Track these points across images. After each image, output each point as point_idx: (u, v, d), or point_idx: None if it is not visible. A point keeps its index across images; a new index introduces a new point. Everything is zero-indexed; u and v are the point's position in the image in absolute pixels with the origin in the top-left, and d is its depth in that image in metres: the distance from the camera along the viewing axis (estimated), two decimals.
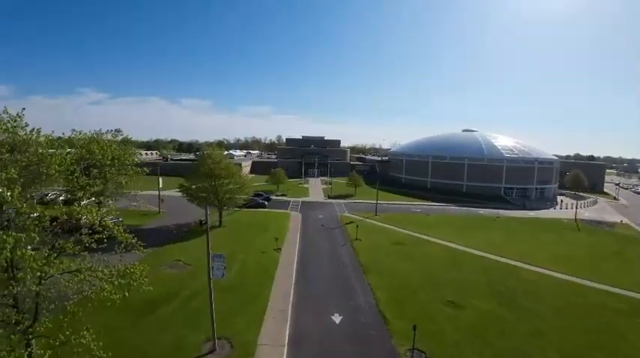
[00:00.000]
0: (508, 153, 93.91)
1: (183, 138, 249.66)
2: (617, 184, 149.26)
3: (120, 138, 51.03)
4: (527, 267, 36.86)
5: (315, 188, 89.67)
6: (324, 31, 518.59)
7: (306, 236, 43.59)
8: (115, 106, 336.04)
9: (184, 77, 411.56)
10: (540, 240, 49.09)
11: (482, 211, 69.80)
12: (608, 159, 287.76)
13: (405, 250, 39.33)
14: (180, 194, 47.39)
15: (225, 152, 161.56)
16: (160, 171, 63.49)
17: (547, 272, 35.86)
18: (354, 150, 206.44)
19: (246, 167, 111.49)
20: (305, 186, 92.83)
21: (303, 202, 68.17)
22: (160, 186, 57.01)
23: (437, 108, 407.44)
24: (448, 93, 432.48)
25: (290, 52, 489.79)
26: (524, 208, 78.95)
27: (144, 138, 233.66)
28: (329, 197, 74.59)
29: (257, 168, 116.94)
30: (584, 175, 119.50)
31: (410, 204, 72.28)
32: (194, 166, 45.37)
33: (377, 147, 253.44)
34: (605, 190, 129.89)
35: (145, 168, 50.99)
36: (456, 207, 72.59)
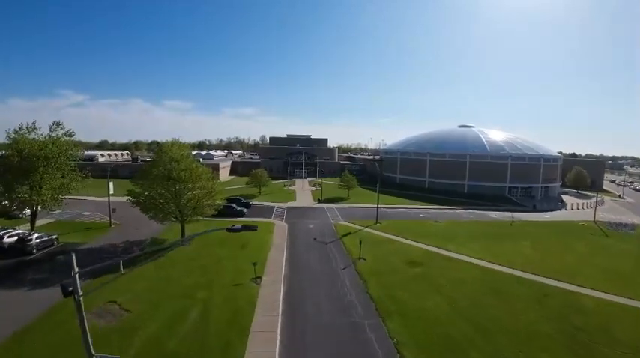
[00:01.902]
0: (513, 150, 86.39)
1: (167, 140, 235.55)
2: (614, 181, 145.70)
3: (61, 132, 40.58)
4: (582, 290, 28.76)
5: (303, 191, 79.66)
6: (308, 31, 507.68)
7: (295, 255, 33.61)
8: (96, 108, 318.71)
9: (167, 78, 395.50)
10: (575, 250, 41.05)
11: (493, 215, 61.65)
12: (589, 156, 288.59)
13: (427, 274, 29.89)
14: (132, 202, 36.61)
15: (204, 152, 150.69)
16: (127, 173, 52.44)
17: (608, 296, 27.98)
18: (339, 150, 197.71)
19: (225, 168, 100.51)
20: (291, 188, 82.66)
21: (289, 208, 58.06)
22: (112, 191, 45.93)
23: (425, 108, 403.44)
24: (433, 93, 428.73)
25: (274, 53, 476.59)
26: (535, 210, 71.35)
27: (123, 139, 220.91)
28: (319, 201, 64.71)
29: (237, 169, 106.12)
30: (585, 173, 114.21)
31: (412, 208, 63.22)
32: (146, 167, 34.72)
33: (363, 146, 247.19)
34: (603, 188, 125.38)
35: (82, 173, 40.55)
36: (463, 211, 64.02)
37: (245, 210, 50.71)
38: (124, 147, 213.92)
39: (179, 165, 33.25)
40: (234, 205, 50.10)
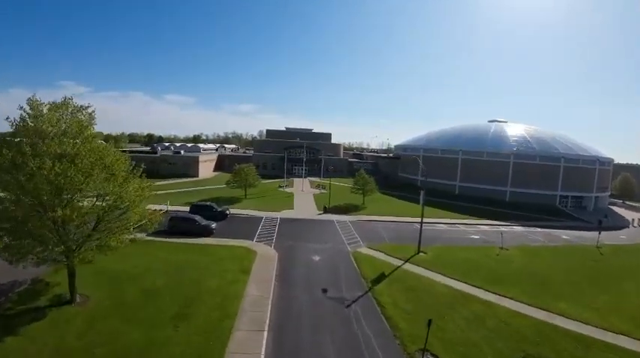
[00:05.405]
0: (565, 149, 69.36)
1: (164, 133, 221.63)
2: None
3: None
4: None
5: (303, 194, 62.21)
6: (307, 28, 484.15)
7: (287, 345, 16.13)
8: (96, 100, 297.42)
9: (167, 72, 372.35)
10: None
11: (564, 236, 44.76)
12: None
13: None
14: None
15: (190, 144, 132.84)
16: None
17: None
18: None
19: (208, 162, 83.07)
20: (288, 190, 65.20)
21: (283, 221, 40.38)
22: None
23: (425, 109, 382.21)
24: (434, 93, 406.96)
25: (273, 49, 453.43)
26: (601, 227, 54.23)
27: (117, 132, 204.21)
28: (325, 210, 47.27)
29: (225, 164, 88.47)
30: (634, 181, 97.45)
31: (455, 224, 45.76)
32: None
33: (365, 146, 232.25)
34: None
35: None
36: (523, 228, 47.00)
37: (214, 224, 32.88)
38: (115, 139, 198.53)
39: (49, 147, 15.83)
40: (196, 218, 32.44)
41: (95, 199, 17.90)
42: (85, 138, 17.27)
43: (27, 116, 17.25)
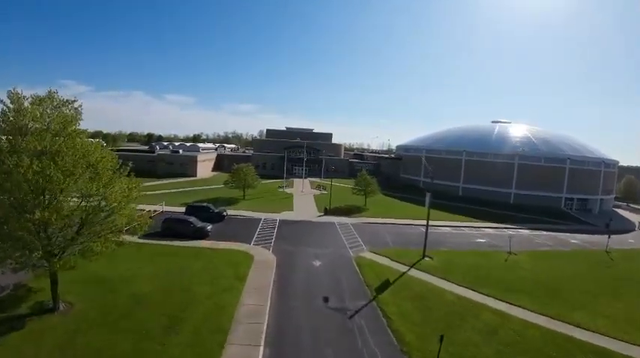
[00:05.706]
0: (571, 151, 68.05)
1: (164, 133, 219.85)
2: None
3: None
4: None
5: (303, 195, 60.91)
6: (307, 28, 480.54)
7: None
8: (97, 99, 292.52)
9: (167, 71, 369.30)
10: None
11: (573, 240, 43.49)
12: None
13: None
14: None
15: (188, 144, 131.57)
16: None
17: None
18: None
19: (206, 162, 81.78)
20: (288, 190, 63.88)
21: (282, 223, 39.04)
22: None
23: (426, 109, 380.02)
24: (434, 93, 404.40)
25: (273, 49, 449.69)
26: (609, 230, 52.86)
27: (117, 131, 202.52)
28: (326, 211, 45.95)
29: (224, 164, 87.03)
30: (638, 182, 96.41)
31: (460, 227, 44.50)
32: None
33: (365, 146, 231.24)
34: None
35: None
36: (529, 232, 45.70)
37: (209, 226, 31.57)
38: (113, 138, 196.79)
39: (28, 143, 14.54)
40: (192, 219, 31.14)
41: (80, 200, 16.66)
42: (69, 135, 15.96)
43: (7, 110, 16.02)
